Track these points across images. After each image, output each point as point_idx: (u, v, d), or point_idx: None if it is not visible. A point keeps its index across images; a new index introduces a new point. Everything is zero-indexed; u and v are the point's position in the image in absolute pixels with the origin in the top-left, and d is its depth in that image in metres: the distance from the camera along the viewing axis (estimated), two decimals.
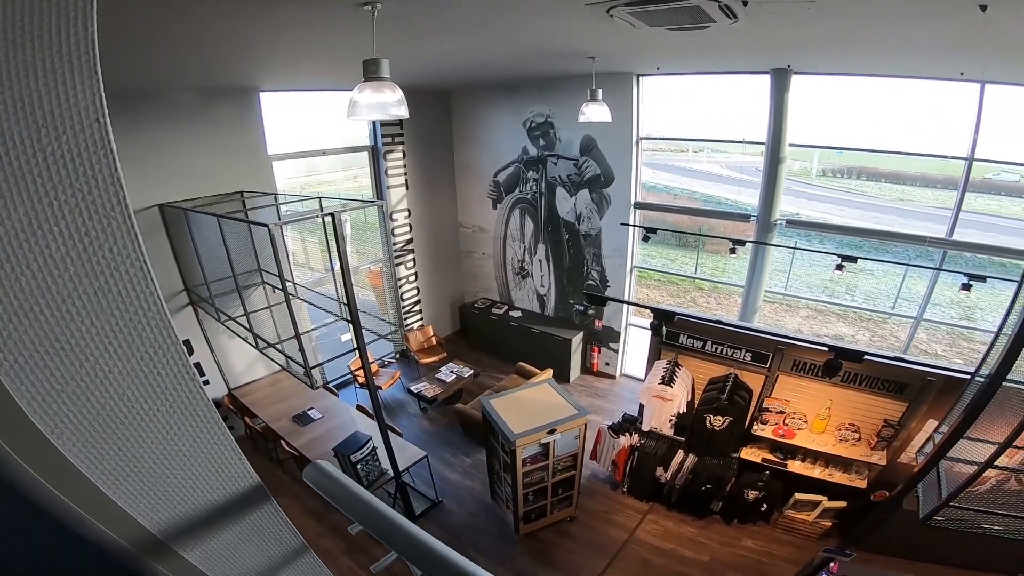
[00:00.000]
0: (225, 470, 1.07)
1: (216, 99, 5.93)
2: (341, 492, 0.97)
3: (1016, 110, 5.44)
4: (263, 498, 1.16)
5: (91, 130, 0.75)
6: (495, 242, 9.48)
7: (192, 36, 3.47)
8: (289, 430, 5.97)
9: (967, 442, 2.90)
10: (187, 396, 0.98)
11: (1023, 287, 3.01)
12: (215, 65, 4.77)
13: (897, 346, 10.48)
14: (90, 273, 0.80)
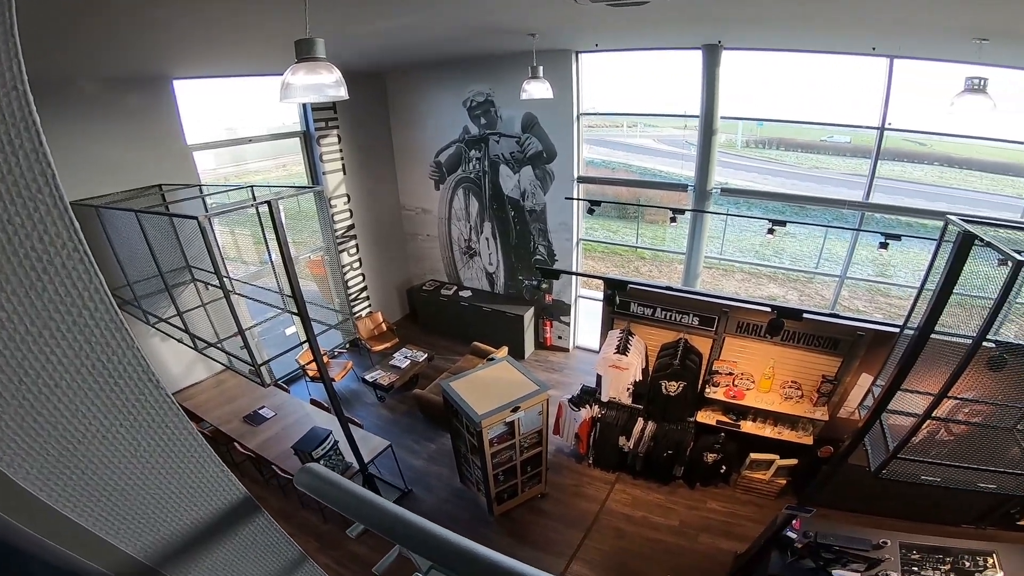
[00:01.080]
0: (207, 484, 0.96)
1: (124, 88, 5.38)
2: (338, 493, 0.90)
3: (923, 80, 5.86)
4: (253, 510, 1.06)
5: (9, 98, 0.62)
6: (440, 223, 9.31)
7: (92, 22, 3.10)
8: (241, 431, 5.70)
9: (904, 394, 3.09)
10: (152, 406, 0.86)
11: (941, 244, 3.23)
12: (120, 52, 4.31)
13: (824, 304, 11.33)
14: (19, 267, 0.66)
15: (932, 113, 5.81)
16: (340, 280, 8.57)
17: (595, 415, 5.84)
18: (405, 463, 6.06)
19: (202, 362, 6.50)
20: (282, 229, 3.97)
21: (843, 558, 3.91)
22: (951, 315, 2.80)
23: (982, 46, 4.62)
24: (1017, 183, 8.18)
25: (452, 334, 9.00)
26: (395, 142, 9.04)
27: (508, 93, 7.38)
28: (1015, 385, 3.23)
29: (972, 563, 3.99)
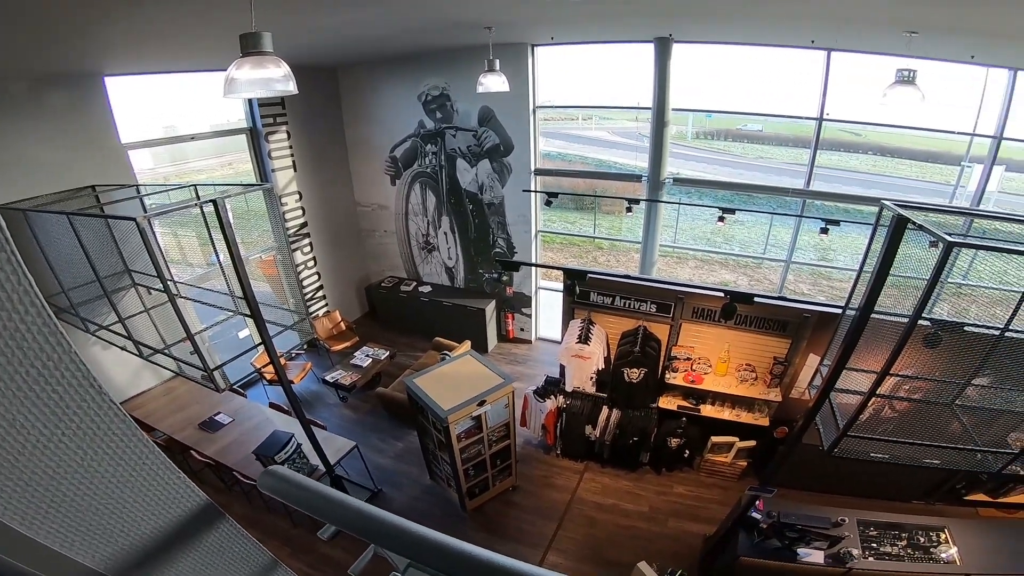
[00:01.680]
0: (164, 492, 0.91)
1: (51, 86, 5.02)
2: (305, 494, 0.87)
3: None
4: (216, 516, 1.01)
5: None
6: (397, 218, 9.15)
7: (18, 18, 2.88)
8: (197, 439, 5.49)
9: (850, 373, 3.23)
10: (96, 413, 0.80)
11: (877, 229, 3.40)
12: (47, 49, 4.03)
13: (772, 288, 11.82)
14: None
15: (866, 104, 6.12)
16: (294, 280, 8.28)
17: (560, 405, 5.91)
18: (373, 463, 5.96)
19: (149, 369, 6.18)
20: (230, 229, 3.80)
21: (806, 536, 4.04)
22: (888, 296, 2.95)
23: (912, 39, 4.90)
24: (945, 170, 8.76)
25: (413, 330, 8.90)
26: (348, 137, 8.81)
27: (464, 87, 7.33)
28: (950, 361, 3.46)
29: (926, 538, 4.19)
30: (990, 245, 2.54)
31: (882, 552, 4.13)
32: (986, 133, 6.29)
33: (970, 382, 3.47)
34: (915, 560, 4.07)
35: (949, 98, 6.30)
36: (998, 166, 6.65)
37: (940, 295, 4.93)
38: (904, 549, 4.16)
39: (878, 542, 4.20)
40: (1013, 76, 5.89)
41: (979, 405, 3.50)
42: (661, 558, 4.50)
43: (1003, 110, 6.07)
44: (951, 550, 4.10)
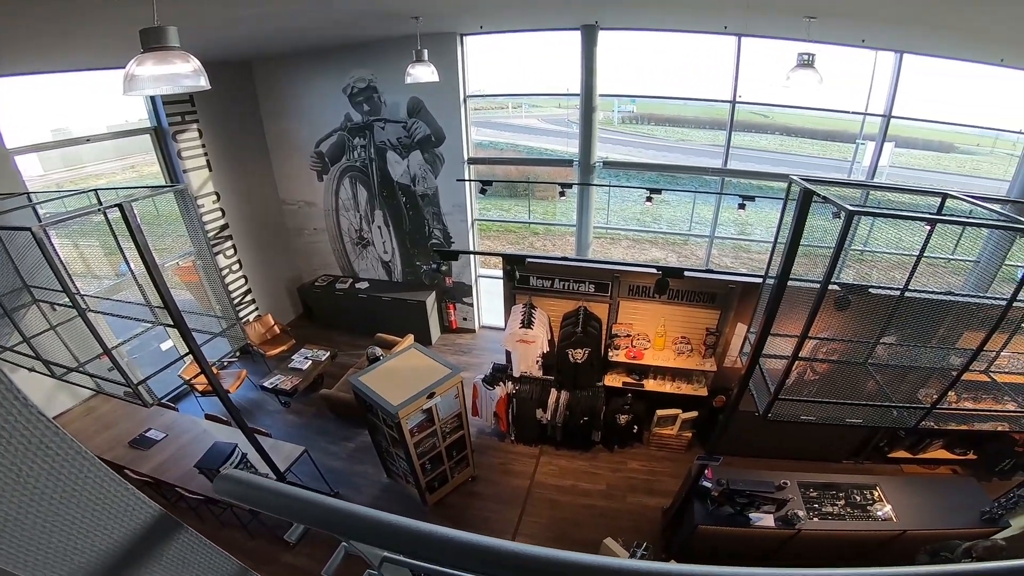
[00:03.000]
0: (113, 506, 0.86)
1: None
2: (264, 495, 0.84)
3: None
4: (174, 527, 0.96)
5: None
6: (327, 215, 8.83)
7: None
8: (130, 457, 5.21)
9: (774, 339, 3.46)
10: (25, 427, 0.75)
11: (787, 203, 3.68)
12: None
13: (699, 263, 12.47)
14: None
15: (773, 87, 6.56)
16: (219, 285, 7.81)
17: (510, 392, 5.99)
18: (326, 466, 5.82)
19: (65, 390, 5.71)
20: (140, 235, 3.53)
21: (755, 501, 4.26)
22: (802, 264, 3.22)
23: (811, 24, 5.29)
24: (843, 148, 9.56)
25: (353, 328, 8.66)
26: (269, 134, 8.35)
27: (392, 78, 7.14)
28: (860, 322, 3.81)
29: (862, 497, 4.53)
30: (885, 212, 2.82)
31: (824, 512, 4.40)
32: (876, 112, 6.93)
33: (879, 341, 3.85)
34: (855, 518, 4.36)
35: (845, 80, 6.88)
36: (888, 143, 7.37)
37: (846, 262, 5.42)
38: (844, 508, 4.44)
39: (819, 502, 4.47)
40: (899, 59, 6.50)
41: (889, 363, 3.88)
42: (625, 533, 4.65)
43: (890, 91, 6.70)
44: (886, 508, 4.41)
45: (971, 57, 6.20)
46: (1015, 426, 3.92)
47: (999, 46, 5.82)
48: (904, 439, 5.85)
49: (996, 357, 3.87)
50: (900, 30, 5.83)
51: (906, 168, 11.41)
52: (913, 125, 7.57)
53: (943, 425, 3.76)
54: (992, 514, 4.26)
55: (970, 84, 6.59)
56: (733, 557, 4.67)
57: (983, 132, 7.95)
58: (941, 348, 3.84)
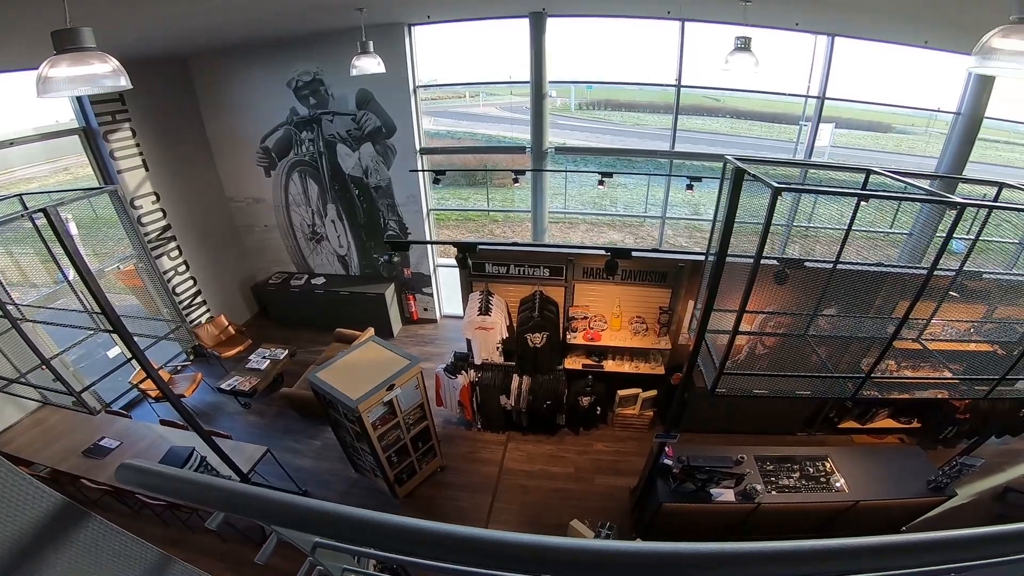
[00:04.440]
0: (9, 496, 0.85)
1: None
2: (170, 483, 0.85)
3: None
4: (80, 516, 0.96)
5: None
6: (277, 211, 8.59)
7: None
8: (85, 467, 5.06)
9: (718, 314, 3.55)
10: None
11: (723, 183, 3.80)
12: None
13: (654, 243, 12.75)
14: None
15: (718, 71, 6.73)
16: (163, 288, 7.53)
17: (473, 380, 6.02)
18: (292, 465, 5.75)
19: (10, 403, 5.48)
20: (70, 240, 3.38)
21: (715, 476, 4.35)
22: (745, 241, 3.35)
23: (747, 8, 5.43)
24: (788, 129, 9.89)
25: (312, 325, 8.51)
26: (210, 131, 8.03)
27: (338, 70, 6.95)
28: (797, 295, 3.99)
29: (815, 468, 4.68)
30: (807, 189, 2.96)
31: (782, 485, 4.53)
32: (813, 94, 7.21)
33: (818, 313, 4.05)
34: (811, 490, 4.50)
35: (787, 64, 7.13)
36: (827, 123, 7.69)
37: (790, 238, 5.66)
38: (799, 480, 4.58)
39: (776, 475, 4.60)
40: (831, 42, 6.77)
41: (830, 334, 4.07)
42: (594, 515, 4.74)
43: (823, 73, 6.98)
44: (839, 479, 4.57)
45: (896, 39, 6.52)
46: (954, 393, 4.09)
47: (923, 29, 6.13)
48: (852, 409, 6.11)
49: (926, 326, 4.13)
50: (830, 13, 6.06)
51: (847, 148, 11.96)
52: (852, 107, 7.91)
53: (886, 394, 3.96)
54: (938, 483, 4.44)
55: (902, 66, 6.94)
56: (699, 533, 4.78)
57: (917, 113, 8.38)
58: (878, 318, 4.08)
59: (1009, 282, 4.11)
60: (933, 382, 3.89)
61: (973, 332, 4.32)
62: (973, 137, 7.07)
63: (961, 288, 3.97)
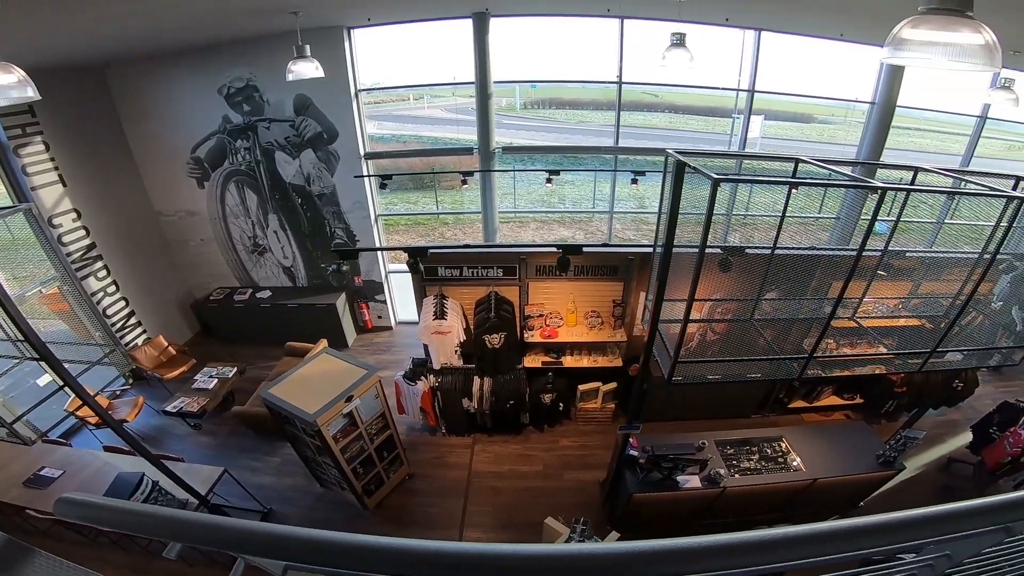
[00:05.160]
0: None
1: None
2: (111, 514, 0.79)
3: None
4: (23, 552, 0.88)
5: None
6: (214, 223, 8.18)
7: None
8: (28, 497, 4.75)
9: (669, 304, 3.64)
10: None
11: (666, 177, 3.92)
12: None
13: (603, 237, 13.03)
14: None
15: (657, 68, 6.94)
16: (92, 310, 7.04)
17: (433, 385, 5.94)
18: (252, 484, 5.50)
19: None
20: None
21: (679, 464, 4.44)
22: (685, 231, 3.45)
23: (682, 5, 5.61)
24: (723, 122, 10.33)
25: (260, 340, 8.15)
26: (133, 142, 7.52)
27: (273, 76, 6.69)
28: (741, 281, 4.16)
29: (772, 449, 4.85)
30: (744, 179, 3.10)
31: (743, 468, 4.66)
32: (744, 88, 7.56)
33: (761, 297, 4.24)
34: (771, 471, 4.65)
35: (720, 59, 7.43)
36: (757, 116, 8.07)
37: (731, 227, 5.90)
38: (759, 462, 4.72)
39: (736, 459, 4.73)
40: (758, 36, 7.12)
41: (774, 317, 4.26)
42: (567, 511, 4.72)
43: (752, 67, 7.34)
44: (795, 459, 4.74)
45: (815, 32, 6.94)
46: (890, 368, 4.34)
47: (839, 21, 6.53)
48: (799, 389, 6.41)
49: (860, 304, 4.41)
50: (756, 7, 6.34)
51: (776, 138, 12.61)
52: (779, 99, 8.35)
53: (829, 372, 4.18)
54: (886, 456, 4.68)
55: (821, 59, 7.38)
56: (670, 521, 4.87)
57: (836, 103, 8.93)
58: (816, 299, 4.32)
59: (930, 259, 4.43)
60: (871, 358, 4.11)
61: (901, 308, 4.64)
62: (887, 125, 7.62)
63: (888, 267, 4.27)
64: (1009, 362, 4.12)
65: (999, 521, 0.87)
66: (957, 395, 6.26)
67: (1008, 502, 0.85)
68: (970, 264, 4.01)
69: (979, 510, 0.85)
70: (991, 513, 0.85)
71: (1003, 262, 3.68)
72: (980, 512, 0.85)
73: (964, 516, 0.84)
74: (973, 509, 0.84)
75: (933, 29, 1.99)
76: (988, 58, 1.97)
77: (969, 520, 0.84)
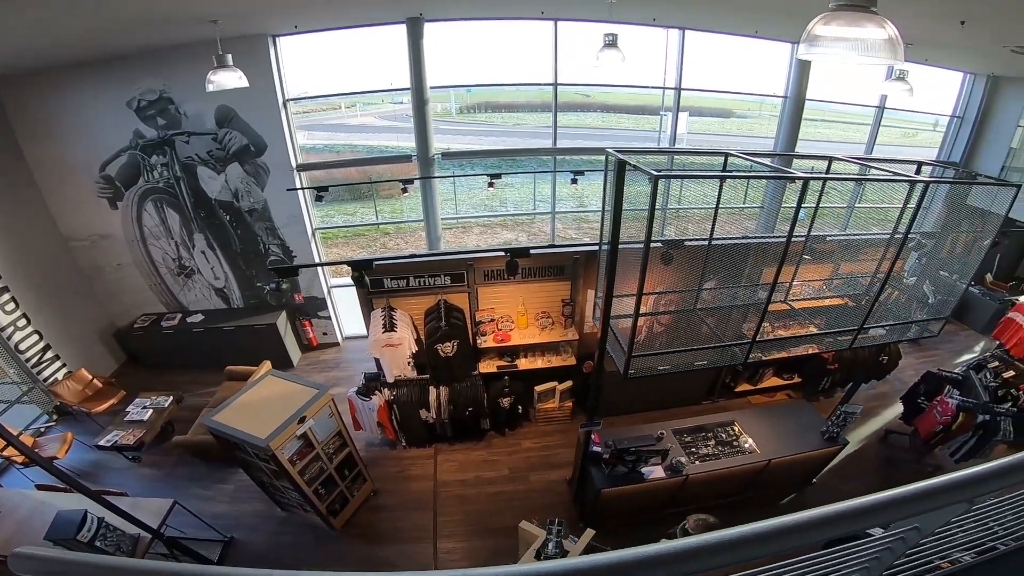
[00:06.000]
0: None
1: None
2: (86, 569, 0.71)
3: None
4: None
5: None
6: (132, 247, 7.59)
7: None
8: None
9: (617, 299, 3.73)
10: None
11: (607, 175, 4.01)
12: None
13: (546, 238, 13.18)
14: None
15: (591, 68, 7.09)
16: (3, 346, 6.37)
17: (388, 398, 5.78)
18: (208, 513, 5.16)
19: None
20: None
21: (642, 456, 4.51)
22: (631, 228, 3.54)
23: (612, 6, 5.77)
24: (652, 120, 10.67)
25: (196, 366, 7.63)
26: (32, 162, 6.84)
27: (190, 87, 6.27)
28: (682, 273, 4.32)
29: (726, 433, 5.02)
30: (682, 174, 3.22)
31: (702, 454, 4.79)
32: (671, 86, 7.88)
33: (702, 287, 4.42)
34: (728, 455, 4.80)
35: (649, 58, 7.70)
36: (683, 112, 8.44)
37: (666, 220, 6.13)
38: (716, 447, 4.87)
39: (695, 445, 4.86)
40: (682, 35, 7.45)
41: (715, 306, 4.44)
42: (538, 512, 4.71)
43: (678, 65, 7.67)
44: (748, 440, 4.91)
45: (733, 30, 7.36)
46: (823, 347, 4.61)
47: (754, 20, 6.95)
48: (743, 372, 6.75)
49: (790, 287, 4.70)
50: (680, 6, 6.61)
51: (700, 134, 13.24)
52: (702, 96, 8.76)
53: (768, 355, 4.39)
54: (830, 432, 4.94)
55: (739, 56, 7.82)
56: (640, 513, 4.96)
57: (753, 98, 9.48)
58: (751, 286, 4.56)
59: (848, 242, 4.79)
60: (804, 337, 4.38)
61: (826, 289, 4.99)
62: (800, 117, 8.19)
63: (812, 251, 4.57)
64: (927, 333, 4.50)
65: (964, 497, 0.93)
66: (884, 368, 6.79)
67: (970, 478, 0.92)
68: (883, 244, 4.38)
69: (945, 487, 0.91)
70: (956, 489, 0.91)
71: (912, 240, 4.02)
72: (946, 489, 0.91)
73: (931, 495, 0.89)
74: (939, 487, 0.90)
75: (843, 25, 2.14)
76: (892, 51, 2.14)
77: (936, 498, 0.90)
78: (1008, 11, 4.20)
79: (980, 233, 4.05)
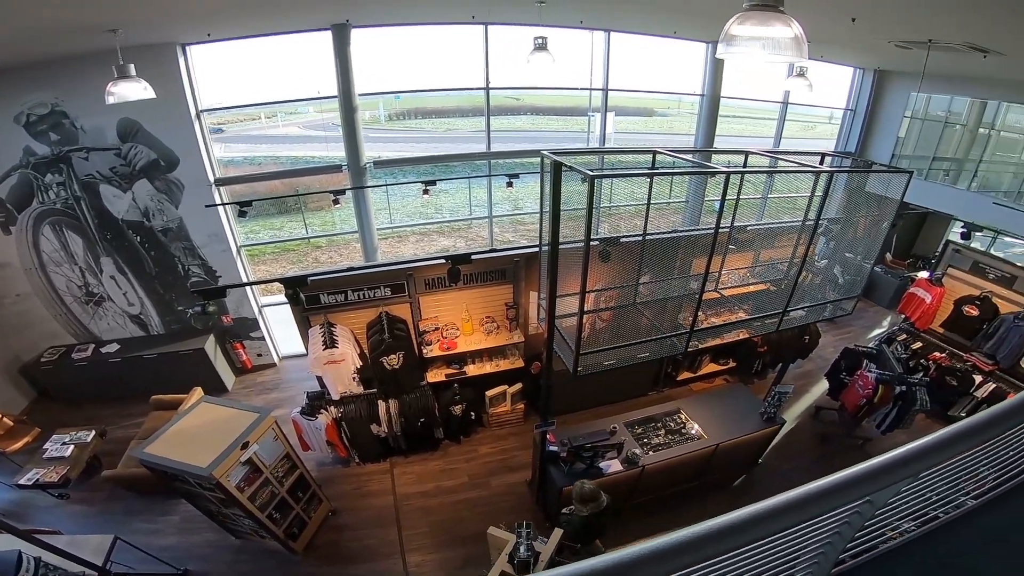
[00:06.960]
0: None
1: None
2: None
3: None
4: None
5: None
6: (30, 275, 6.85)
7: None
8: None
9: (561, 299, 3.80)
10: None
11: (544, 177, 4.07)
12: None
13: (484, 243, 13.20)
14: None
15: (519, 71, 7.18)
16: None
17: (336, 416, 5.57)
18: (155, 547, 4.77)
19: None
20: None
21: (598, 451, 4.59)
22: (569, 227, 3.62)
23: (541, 9, 5.86)
24: (581, 120, 10.95)
25: (117, 397, 7.02)
26: None
27: (87, 99, 5.79)
28: (619, 269, 4.45)
29: (673, 422, 5.17)
30: (617, 173, 3.33)
31: (654, 444, 4.92)
32: (598, 87, 8.13)
33: (639, 282, 4.59)
34: (678, 443, 4.95)
35: (576, 60, 7.90)
36: (609, 112, 8.73)
37: (600, 219, 6.30)
38: (666, 436, 5.02)
39: (646, 436, 4.99)
40: (608, 37, 7.69)
41: (652, 299, 4.59)
42: (504, 515, 4.71)
43: (604, 67, 7.92)
44: (694, 426, 5.08)
45: (652, 31, 7.71)
46: (752, 332, 4.91)
47: (674, 21, 7.29)
48: (683, 361, 7.03)
49: (719, 276, 4.97)
50: (604, 8, 6.81)
51: (626, 132, 13.74)
52: (625, 96, 9.10)
53: (704, 342, 4.64)
54: (768, 413, 5.21)
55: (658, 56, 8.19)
56: None
57: (672, 97, 9.97)
58: (683, 277, 4.78)
59: (766, 230, 5.14)
60: (736, 323, 4.65)
61: (749, 276, 5.33)
62: (716, 114, 8.70)
63: (736, 241, 4.87)
64: (841, 312, 4.90)
65: (911, 472, 1.01)
66: (807, 347, 7.29)
67: (915, 452, 1.00)
68: (796, 231, 4.74)
69: (893, 464, 0.99)
70: (903, 465, 0.99)
71: (821, 225, 4.37)
72: (895, 465, 0.99)
73: (876, 474, 0.96)
74: (885, 466, 0.98)
75: (756, 24, 2.28)
76: (798, 49, 2.31)
77: (885, 476, 0.97)
78: (892, 7, 4.62)
79: (879, 216, 4.47)
